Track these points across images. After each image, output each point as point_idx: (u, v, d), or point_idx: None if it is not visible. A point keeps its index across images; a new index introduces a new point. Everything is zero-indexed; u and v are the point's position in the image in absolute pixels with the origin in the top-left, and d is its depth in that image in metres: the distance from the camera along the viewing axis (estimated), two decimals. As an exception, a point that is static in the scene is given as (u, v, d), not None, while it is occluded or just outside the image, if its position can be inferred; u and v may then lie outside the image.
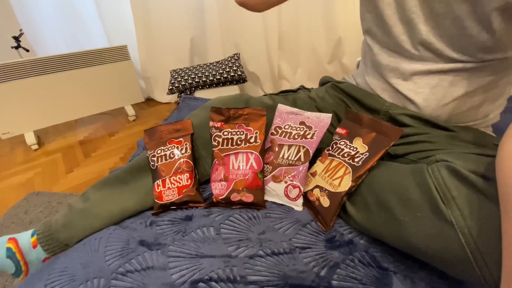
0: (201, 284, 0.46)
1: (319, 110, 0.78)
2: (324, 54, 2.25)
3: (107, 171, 1.48)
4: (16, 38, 1.86)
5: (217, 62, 2.01)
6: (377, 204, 0.51)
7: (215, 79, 1.83)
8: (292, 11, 2.05)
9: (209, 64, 1.99)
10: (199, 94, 1.83)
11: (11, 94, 1.55)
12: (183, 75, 1.87)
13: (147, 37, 2.03)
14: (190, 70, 1.92)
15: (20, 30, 1.88)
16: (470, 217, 0.38)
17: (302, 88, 0.86)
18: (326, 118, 0.66)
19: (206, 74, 1.84)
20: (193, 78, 1.83)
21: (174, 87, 1.83)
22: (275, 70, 2.20)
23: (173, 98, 2.28)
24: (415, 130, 0.62)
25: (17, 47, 1.87)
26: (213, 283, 0.46)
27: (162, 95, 2.27)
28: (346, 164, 0.57)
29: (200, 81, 1.82)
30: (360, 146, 0.58)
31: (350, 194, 0.56)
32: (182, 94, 1.89)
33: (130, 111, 2.01)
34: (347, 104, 0.77)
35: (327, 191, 0.57)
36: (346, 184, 0.55)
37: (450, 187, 0.41)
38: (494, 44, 0.51)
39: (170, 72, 1.95)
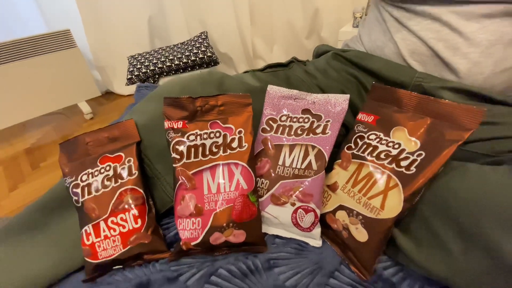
0: None
1: (322, 90, 0.56)
2: (301, 28, 2.02)
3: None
4: None
5: (182, 44, 1.79)
6: (458, 236, 0.30)
7: (181, 63, 1.61)
8: (262, -21, 1.84)
9: (172, 47, 1.77)
10: (164, 82, 1.57)
11: None
12: (143, 61, 1.62)
13: (94, 19, 1.77)
14: (151, 54, 1.69)
15: None
16: None
17: (295, 60, 0.63)
18: (341, 101, 0.44)
19: (170, 58, 1.62)
20: (155, 63, 1.60)
21: (133, 76, 1.60)
22: (249, 49, 2.00)
23: (136, 89, 1.99)
24: None
25: None
26: None
27: (123, 87, 2.02)
28: (389, 172, 0.36)
29: (164, 66, 1.59)
30: (405, 140, 0.37)
31: (402, 219, 0.35)
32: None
33: (85, 108, 1.77)
34: (359, 80, 0.55)
35: (361, 217, 0.36)
36: (394, 205, 0.34)
37: None
38: None
39: (128, 59, 1.71)
